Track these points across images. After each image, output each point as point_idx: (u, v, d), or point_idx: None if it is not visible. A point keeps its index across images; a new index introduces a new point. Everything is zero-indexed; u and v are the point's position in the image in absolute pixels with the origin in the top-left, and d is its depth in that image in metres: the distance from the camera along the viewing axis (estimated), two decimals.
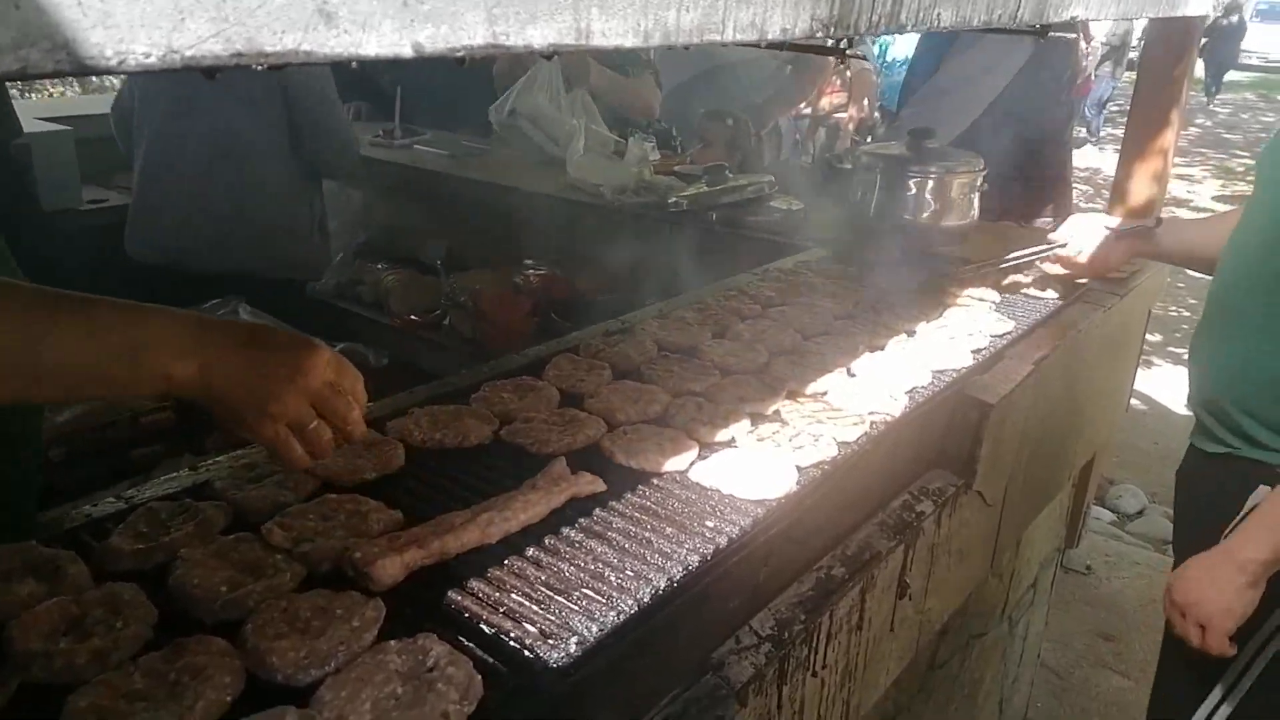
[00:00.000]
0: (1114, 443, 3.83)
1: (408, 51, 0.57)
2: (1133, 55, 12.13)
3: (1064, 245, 2.42)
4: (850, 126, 8.26)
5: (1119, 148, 3.17)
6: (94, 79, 9.19)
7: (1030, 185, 3.36)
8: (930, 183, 2.69)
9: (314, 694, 0.89)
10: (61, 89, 8.57)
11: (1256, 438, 1.77)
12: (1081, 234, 2.43)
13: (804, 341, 1.86)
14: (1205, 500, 1.85)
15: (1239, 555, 1.59)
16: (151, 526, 1.15)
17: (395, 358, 3.18)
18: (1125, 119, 3.30)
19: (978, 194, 2.79)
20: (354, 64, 0.54)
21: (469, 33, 0.60)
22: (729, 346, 1.80)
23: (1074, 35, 3.80)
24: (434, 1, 0.57)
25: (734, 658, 1.21)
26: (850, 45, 0.97)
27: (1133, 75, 5.77)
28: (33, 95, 8.60)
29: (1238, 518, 1.66)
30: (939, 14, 1.10)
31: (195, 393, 1.02)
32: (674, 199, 2.97)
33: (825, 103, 8.90)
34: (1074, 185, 3.76)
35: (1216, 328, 1.87)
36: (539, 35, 0.65)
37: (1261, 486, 1.71)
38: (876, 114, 6.05)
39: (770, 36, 0.86)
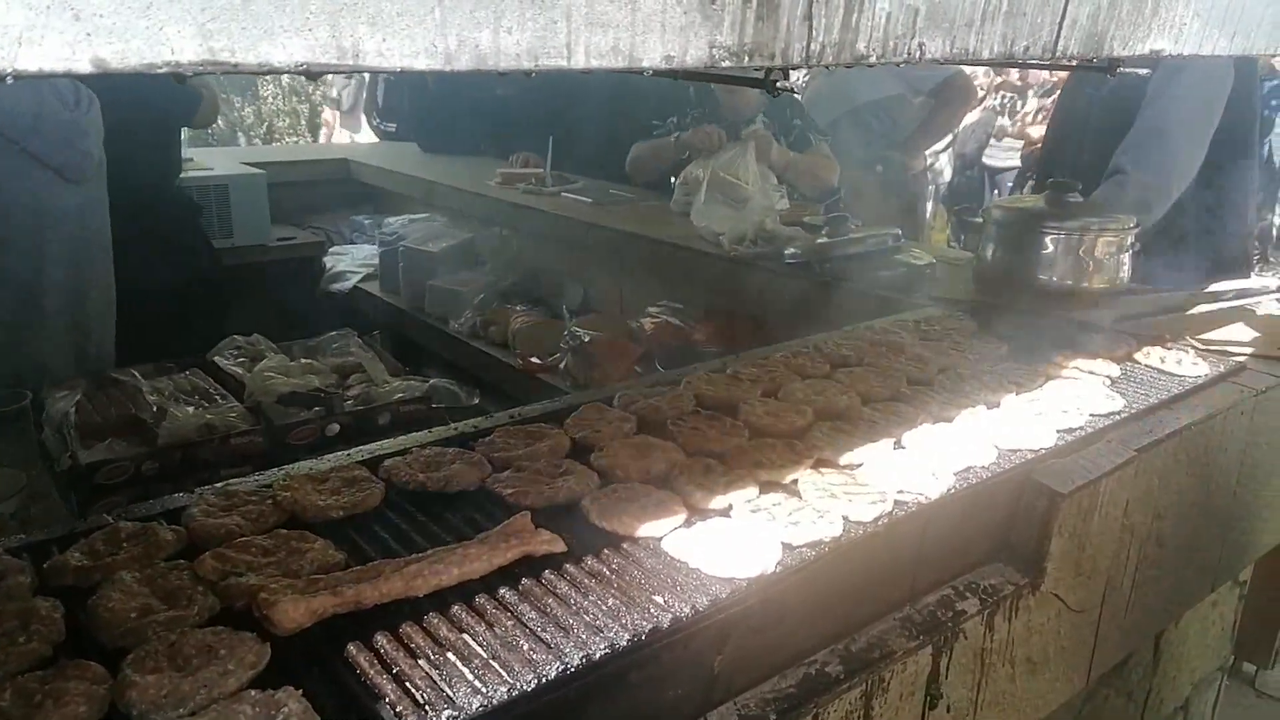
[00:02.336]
0: None
1: (86, 68, 0.54)
2: None
3: None
4: None
5: None
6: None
7: (1181, 241, 2.94)
8: (1068, 240, 2.43)
9: None
10: (296, 138, 9.51)
11: None
12: None
13: (862, 407, 1.70)
14: None
15: None
16: (108, 545, 1.17)
17: (510, 398, 3.22)
18: None
19: (1129, 254, 2.49)
20: (9, 79, 0.52)
21: (172, 48, 0.56)
22: (772, 406, 1.67)
23: None
24: (118, 14, 0.54)
25: None
26: (786, 77, 0.85)
27: None
28: (275, 142, 9.60)
29: None
30: (921, 44, 0.96)
31: None
32: (790, 250, 2.84)
33: None
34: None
35: None
36: (282, 53, 0.60)
37: None
38: None
39: (647, 64, 0.77)
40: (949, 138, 6.76)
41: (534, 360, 3.37)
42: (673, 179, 3.80)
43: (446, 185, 4.53)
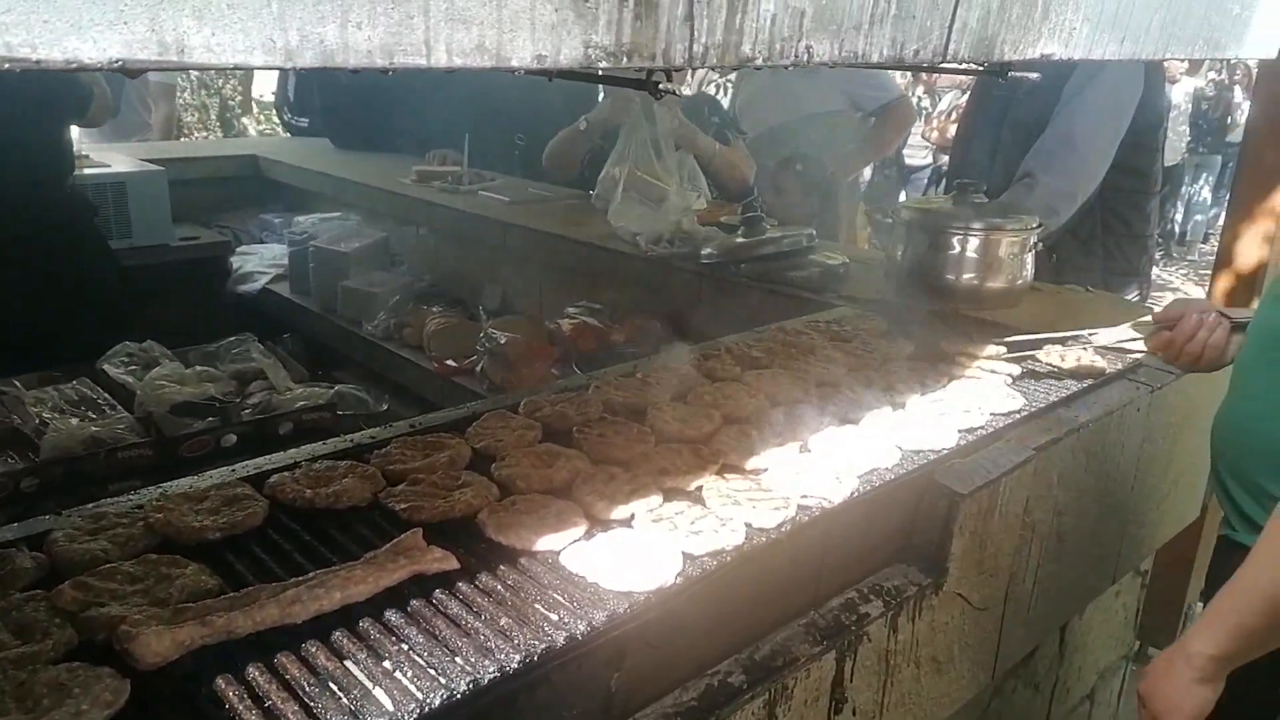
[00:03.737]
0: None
1: None
2: None
3: (1167, 329, 1.92)
4: None
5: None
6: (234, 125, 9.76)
7: (1090, 242, 3.02)
8: (973, 241, 2.47)
9: None
10: (206, 133, 9.18)
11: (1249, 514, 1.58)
12: (1192, 318, 1.87)
13: (771, 409, 1.68)
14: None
15: (1189, 648, 1.39)
16: None
17: (425, 402, 3.15)
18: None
19: (1031, 254, 2.54)
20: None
21: None
22: (681, 411, 1.64)
23: None
24: None
25: None
26: (669, 78, 0.82)
27: None
28: (184, 138, 9.25)
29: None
30: (808, 47, 0.94)
31: None
32: (707, 250, 2.83)
33: None
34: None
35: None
36: (93, 49, 0.55)
37: None
38: None
39: (517, 64, 0.74)
40: None
41: (449, 363, 3.29)
42: (594, 175, 3.74)
43: (360, 183, 4.42)
